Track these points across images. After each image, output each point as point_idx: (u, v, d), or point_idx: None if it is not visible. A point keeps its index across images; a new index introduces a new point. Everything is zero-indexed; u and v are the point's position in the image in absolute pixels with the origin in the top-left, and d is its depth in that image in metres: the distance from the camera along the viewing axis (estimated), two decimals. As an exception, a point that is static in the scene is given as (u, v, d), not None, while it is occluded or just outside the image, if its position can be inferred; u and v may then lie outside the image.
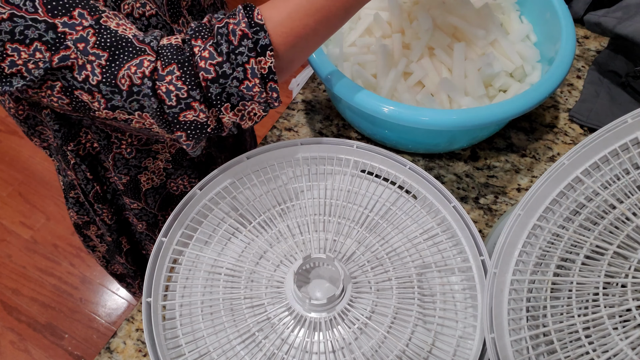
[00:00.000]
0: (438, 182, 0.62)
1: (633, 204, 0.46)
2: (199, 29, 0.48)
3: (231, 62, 0.47)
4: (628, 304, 0.43)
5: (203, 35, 0.48)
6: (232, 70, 0.47)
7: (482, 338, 0.53)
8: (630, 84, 0.82)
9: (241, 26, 0.47)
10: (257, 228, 0.62)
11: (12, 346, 1.60)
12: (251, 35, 0.47)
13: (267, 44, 0.48)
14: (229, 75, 0.47)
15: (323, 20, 0.50)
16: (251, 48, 0.47)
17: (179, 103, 0.47)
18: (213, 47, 0.47)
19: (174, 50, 0.48)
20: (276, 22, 0.49)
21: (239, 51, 0.47)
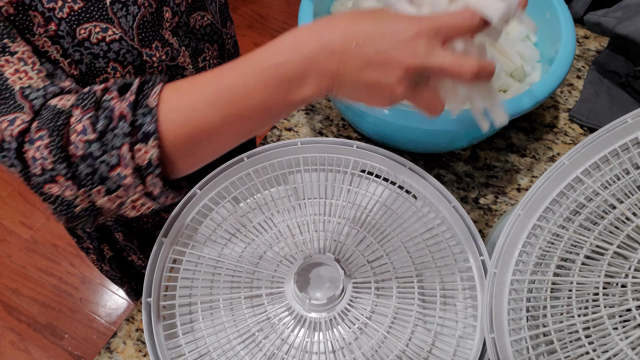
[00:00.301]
0: (438, 182, 0.62)
1: (633, 204, 0.46)
2: (86, 96, 0.43)
3: (103, 143, 0.42)
4: (628, 304, 0.43)
5: (85, 105, 0.42)
6: (103, 153, 0.42)
7: (482, 338, 0.53)
8: (630, 84, 0.82)
9: (123, 105, 0.42)
10: (257, 228, 0.62)
11: (12, 346, 1.60)
12: (130, 118, 0.41)
13: (152, 131, 0.41)
14: (98, 158, 0.42)
15: (233, 118, 0.43)
16: (127, 133, 0.41)
17: (44, 173, 0.42)
18: (90, 120, 0.42)
19: (52, 114, 0.43)
20: (172, 108, 0.42)
21: (115, 133, 0.41)
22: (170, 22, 0.63)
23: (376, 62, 0.40)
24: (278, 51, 0.42)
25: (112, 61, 0.57)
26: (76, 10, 0.53)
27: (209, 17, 0.70)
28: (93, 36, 0.55)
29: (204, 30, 0.69)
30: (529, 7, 0.79)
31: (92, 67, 0.57)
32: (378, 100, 0.43)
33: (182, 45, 0.66)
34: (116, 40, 0.56)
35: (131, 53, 0.58)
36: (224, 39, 0.74)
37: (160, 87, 0.43)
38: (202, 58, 0.70)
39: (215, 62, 0.73)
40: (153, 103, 0.42)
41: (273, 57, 0.42)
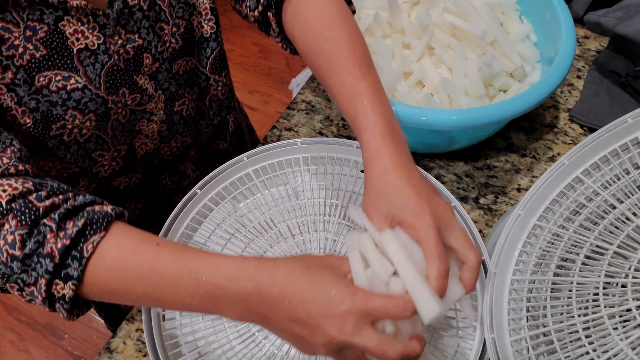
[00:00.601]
0: (437, 182, 0.62)
1: (633, 204, 0.46)
2: (27, 210, 0.43)
3: (25, 264, 0.42)
4: (628, 304, 0.43)
5: (22, 220, 0.42)
6: (22, 272, 0.42)
7: (482, 338, 0.53)
8: (630, 84, 0.82)
9: (57, 245, 0.42)
10: (257, 228, 0.62)
11: (12, 346, 1.60)
12: (57, 261, 0.42)
13: (74, 276, 0.42)
14: (16, 273, 0.42)
15: (152, 299, 0.44)
16: (49, 271, 0.42)
17: None
18: (21, 237, 0.42)
19: None
20: (103, 265, 0.43)
21: (40, 263, 0.42)
22: (150, 68, 0.62)
23: (304, 323, 0.42)
24: (219, 273, 0.43)
25: (72, 109, 0.56)
26: (37, 57, 0.52)
27: (194, 61, 0.69)
28: (52, 84, 0.54)
29: (186, 74, 0.69)
30: (529, 7, 0.79)
31: (49, 114, 0.55)
32: (302, 349, 0.45)
33: (160, 89, 0.65)
34: (78, 89, 0.55)
35: (94, 101, 0.57)
36: (209, 84, 0.74)
37: (100, 237, 0.43)
38: (181, 102, 0.70)
39: (194, 105, 0.73)
40: (87, 252, 0.42)
41: (212, 275, 0.43)
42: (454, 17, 0.73)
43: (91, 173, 0.65)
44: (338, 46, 0.53)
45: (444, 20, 0.74)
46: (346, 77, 0.51)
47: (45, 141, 0.57)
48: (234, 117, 0.83)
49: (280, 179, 0.66)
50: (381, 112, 0.49)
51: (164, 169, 0.76)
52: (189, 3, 0.64)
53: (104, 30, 0.56)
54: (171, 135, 0.71)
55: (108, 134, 0.62)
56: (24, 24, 0.51)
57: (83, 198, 0.46)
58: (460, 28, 0.73)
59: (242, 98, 2.17)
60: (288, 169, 0.66)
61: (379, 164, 0.47)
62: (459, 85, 0.71)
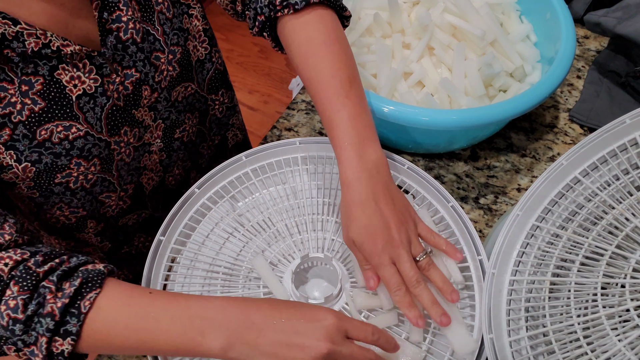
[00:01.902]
0: (436, 182, 0.62)
1: (632, 205, 0.46)
2: (27, 275, 0.45)
3: (27, 325, 0.44)
4: (626, 305, 0.43)
5: (23, 286, 0.44)
6: (23, 333, 0.44)
7: (479, 338, 0.52)
8: (630, 84, 0.82)
9: (56, 304, 0.44)
10: (255, 227, 0.62)
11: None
12: (57, 319, 0.43)
13: (73, 332, 0.44)
14: (17, 335, 0.44)
15: (147, 346, 0.46)
16: (50, 329, 0.43)
17: None
18: (23, 301, 0.44)
19: None
20: (100, 318, 0.45)
21: (40, 322, 0.44)
22: (149, 99, 0.62)
23: (293, 343, 0.44)
24: (209, 306, 0.46)
25: (76, 157, 0.56)
26: (37, 111, 0.52)
27: (193, 86, 0.69)
28: (54, 136, 0.54)
29: (186, 100, 0.69)
30: (529, 7, 0.79)
31: (54, 166, 0.55)
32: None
33: (159, 118, 0.65)
34: (80, 136, 0.56)
35: (97, 146, 0.58)
36: (207, 105, 0.74)
37: (96, 294, 0.45)
38: (181, 129, 0.70)
39: (195, 129, 0.73)
40: (85, 308, 0.44)
41: (203, 308, 0.46)
42: (454, 17, 0.73)
43: (99, 214, 0.66)
44: (320, 74, 0.55)
45: (444, 20, 0.73)
46: (325, 107, 0.54)
47: (51, 188, 0.58)
48: (232, 134, 0.83)
49: (279, 178, 0.66)
50: (354, 142, 0.52)
51: (171, 199, 0.76)
52: (183, 28, 0.64)
53: (101, 70, 0.55)
54: (172, 162, 0.72)
55: (114, 175, 0.62)
56: (19, 80, 0.50)
57: (77, 260, 0.48)
58: (460, 28, 0.73)
59: (242, 98, 2.17)
60: (286, 168, 0.66)
61: (348, 194, 0.52)
62: (459, 85, 0.71)
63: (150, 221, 0.75)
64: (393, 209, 0.52)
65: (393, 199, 0.53)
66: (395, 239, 0.51)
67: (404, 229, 0.52)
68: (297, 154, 0.66)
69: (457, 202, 0.61)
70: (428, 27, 0.72)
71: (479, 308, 0.55)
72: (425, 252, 0.53)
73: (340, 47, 0.56)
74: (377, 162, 0.53)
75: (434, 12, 0.74)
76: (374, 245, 0.51)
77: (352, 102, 0.54)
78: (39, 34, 0.49)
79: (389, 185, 0.53)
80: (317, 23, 0.56)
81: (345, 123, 0.53)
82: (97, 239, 0.70)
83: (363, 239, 0.51)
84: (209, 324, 0.45)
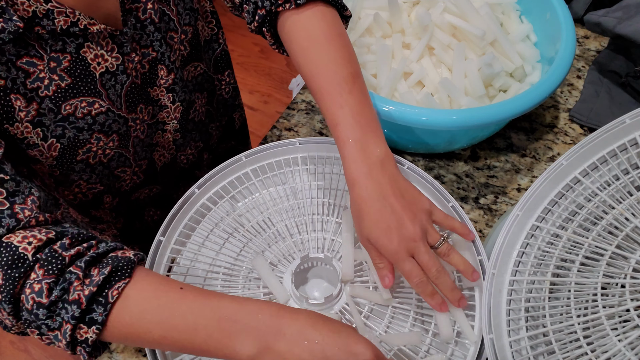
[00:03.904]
0: (436, 182, 0.62)
1: (632, 205, 0.46)
2: (53, 259, 0.44)
3: (51, 311, 0.43)
4: (626, 305, 0.43)
5: (49, 269, 0.43)
6: (47, 318, 0.43)
7: (479, 338, 0.52)
8: (630, 84, 0.82)
9: (84, 292, 0.43)
10: (255, 227, 0.62)
11: (12, 346, 1.60)
12: (84, 307, 0.43)
13: (99, 321, 0.43)
14: (41, 320, 0.43)
15: (169, 341, 0.45)
16: (76, 317, 0.43)
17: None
18: (48, 285, 0.43)
19: (10, 257, 0.43)
20: (126, 308, 0.44)
21: (65, 309, 0.43)
22: (166, 80, 0.63)
23: None
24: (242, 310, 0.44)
25: (97, 132, 0.57)
26: (63, 87, 0.53)
27: (202, 66, 0.69)
28: (78, 111, 0.55)
29: (195, 80, 0.69)
30: (529, 7, 0.79)
31: (76, 140, 0.56)
32: None
33: (178, 100, 0.65)
34: (102, 112, 0.57)
35: (117, 122, 0.59)
36: (214, 85, 0.74)
37: (125, 284, 0.45)
38: (194, 109, 0.71)
39: (204, 109, 0.73)
40: (112, 298, 0.44)
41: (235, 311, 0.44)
42: (454, 17, 0.73)
43: (114, 189, 0.67)
44: (321, 69, 0.54)
45: (444, 20, 0.73)
46: (328, 103, 0.54)
47: (72, 166, 0.58)
48: (239, 114, 0.84)
49: (279, 178, 0.66)
50: (357, 138, 0.52)
51: (182, 177, 0.77)
52: (194, 8, 0.65)
53: (122, 49, 0.57)
54: (186, 143, 0.73)
55: (130, 151, 0.63)
56: (48, 56, 0.52)
57: (105, 245, 0.47)
58: (460, 28, 0.73)
59: (242, 98, 2.17)
60: (286, 168, 0.66)
61: (355, 191, 0.52)
62: (459, 85, 0.71)
63: (161, 196, 0.76)
64: (403, 201, 0.51)
65: (402, 192, 0.52)
66: (410, 231, 0.50)
67: (418, 219, 0.51)
68: (297, 154, 0.66)
69: (457, 202, 0.61)
70: (428, 27, 0.72)
71: (479, 308, 0.55)
72: (442, 238, 0.52)
73: (343, 42, 0.56)
74: (381, 156, 0.52)
75: (434, 12, 0.74)
76: (389, 241, 0.50)
77: (355, 97, 0.53)
78: (68, 12, 0.51)
79: (397, 178, 0.53)
80: (318, 19, 0.56)
81: (348, 119, 0.52)
82: (112, 214, 0.71)
83: (377, 235, 0.51)
84: (239, 328, 0.43)
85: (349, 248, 0.57)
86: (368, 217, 0.51)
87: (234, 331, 0.43)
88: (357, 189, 0.51)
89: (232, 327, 0.43)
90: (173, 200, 0.77)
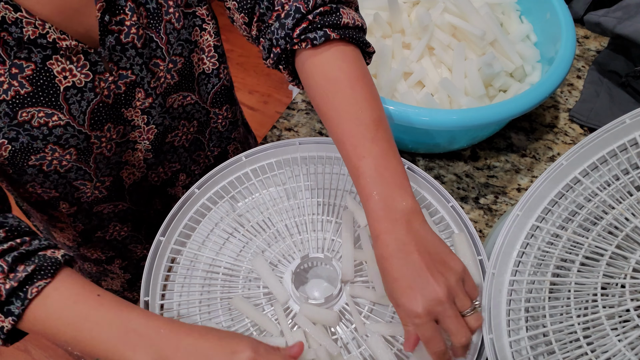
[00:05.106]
0: (436, 182, 0.62)
1: (632, 205, 0.46)
2: None
3: None
4: (626, 305, 0.43)
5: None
6: None
7: (479, 338, 0.52)
8: (630, 84, 0.82)
9: (4, 286, 0.46)
10: (255, 227, 0.62)
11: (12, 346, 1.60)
12: (5, 299, 0.46)
13: (15, 313, 0.46)
14: None
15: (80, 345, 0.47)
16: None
17: None
18: None
19: None
20: (44, 306, 0.47)
21: None
22: (142, 102, 0.62)
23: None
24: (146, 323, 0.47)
25: (52, 144, 0.57)
26: (22, 94, 0.53)
27: (194, 97, 0.68)
28: (35, 120, 0.54)
29: (183, 108, 0.68)
30: (529, 7, 0.79)
31: (29, 146, 0.56)
32: None
33: (153, 123, 0.65)
34: (60, 125, 0.56)
35: (76, 137, 0.58)
36: (209, 118, 0.73)
37: (45, 283, 0.47)
38: (174, 134, 0.70)
39: (191, 137, 0.73)
40: (31, 295, 0.46)
41: (140, 325, 0.47)
42: (454, 17, 0.73)
43: (72, 198, 0.66)
44: (342, 115, 0.51)
45: (444, 20, 0.73)
46: (350, 153, 0.51)
47: (24, 168, 0.58)
48: (233, 147, 0.83)
49: (279, 178, 0.66)
50: (381, 192, 0.49)
51: (154, 194, 0.76)
52: (191, 40, 0.63)
53: (95, 67, 0.55)
54: (158, 162, 0.71)
55: (90, 166, 0.62)
56: (10, 62, 0.51)
57: (38, 243, 0.49)
58: (460, 28, 0.73)
59: (242, 98, 2.17)
60: (286, 168, 0.66)
61: (377, 249, 0.49)
62: (459, 85, 0.71)
63: (128, 213, 0.75)
64: (427, 259, 0.47)
65: (428, 249, 0.48)
66: (434, 291, 0.46)
67: (444, 279, 0.46)
68: (297, 154, 0.66)
69: (457, 202, 0.61)
70: (428, 27, 0.72)
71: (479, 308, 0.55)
72: (473, 306, 0.48)
73: (365, 85, 0.53)
74: (406, 211, 0.49)
75: (434, 12, 0.74)
76: (411, 302, 0.46)
77: (378, 147, 0.50)
78: (38, 24, 0.50)
79: (423, 234, 0.49)
80: (338, 60, 0.53)
81: (371, 171, 0.49)
82: (70, 219, 0.70)
83: (399, 295, 0.47)
84: (142, 342, 0.46)
85: (349, 248, 0.57)
86: (389, 275, 0.47)
87: (137, 344, 0.46)
88: (379, 245, 0.48)
89: (136, 340, 0.46)
90: (143, 217, 0.77)
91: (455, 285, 0.47)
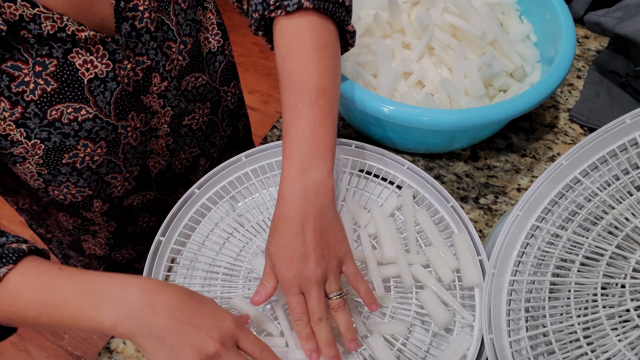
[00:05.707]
0: (436, 182, 0.62)
1: (632, 205, 0.46)
2: None
3: None
4: (626, 305, 0.43)
5: None
6: None
7: (479, 338, 0.52)
8: (630, 84, 0.82)
9: None
10: (255, 227, 0.62)
11: (12, 346, 1.60)
12: None
13: None
14: None
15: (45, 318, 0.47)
16: None
17: None
18: None
19: None
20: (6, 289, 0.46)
21: None
22: (158, 87, 0.62)
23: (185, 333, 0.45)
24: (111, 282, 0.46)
25: (83, 139, 0.57)
26: (49, 92, 0.53)
27: (204, 77, 0.69)
28: (64, 117, 0.55)
29: (196, 90, 0.69)
30: (529, 7, 0.79)
31: (62, 145, 0.56)
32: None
33: (169, 106, 0.65)
34: (89, 119, 0.57)
35: (105, 129, 0.59)
36: (220, 97, 0.74)
37: (8, 269, 0.46)
38: (190, 117, 0.70)
39: (206, 119, 0.73)
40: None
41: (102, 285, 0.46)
42: (454, 17, 0.73)
43: (105, 194, 0.66)
44: (291, 80, 0.53)
45: (444, 20, 0.73)
46: (286, 113, 0.52)
47: (58, 167, 0.58)
48: (243, 124, 0.84)
49: (279, 178, 0.66)
50: (300, 155, 0.50)
51: (178, 183, 0.76)
52: (196, 20, 0.64)
53: (114, 56, 0.56)
54: (179, 147, 0.72)
55: (119, 157, 0.63)
56: (33, 60, 0.52)
57: (6, 239, 0.48)
58: (460, 28, 0.73)
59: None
60: (287, 168, 0.66)
61: (279, 206, 0.51)
62: (459, 85, 0.71)
63: (155, 202, 0.76)
64: (319, 238, 0.49)
65: (322, 228, 0.50)
66: (309, 271, 0.49)
67: (324, 263, 0.49)
68: (297, 154, 0.66)
69: (457, 202, 0.61)
70: (428, 27, 0.72)
71: (479, 308, 0.55)
72: (340, 292, 0.51)
73: (322, 55, 0.53)
74: (318, 182, 0.50)
75: (434, 12, 0.74)
76: (286, 270, 0.49)
77: (313, 113, 0.51)
78: (56, 17, 0.51)
79: (325, 211, 0.50)
80: (305, 28, 0.54)
81: (297, 133, 0.50)
82: (103, 218, 0.71)
83: (278, 259, 0.50)
84: (106, 300, 0.45)
85: None
86: (278, 237, 0.50)
87: (100, 302, 0.45)
88: (281, 206, 0.50)
89: (99, 299, 0.45)
90: (169, 206, 0.77)
91: (330, 270, 0.50)
